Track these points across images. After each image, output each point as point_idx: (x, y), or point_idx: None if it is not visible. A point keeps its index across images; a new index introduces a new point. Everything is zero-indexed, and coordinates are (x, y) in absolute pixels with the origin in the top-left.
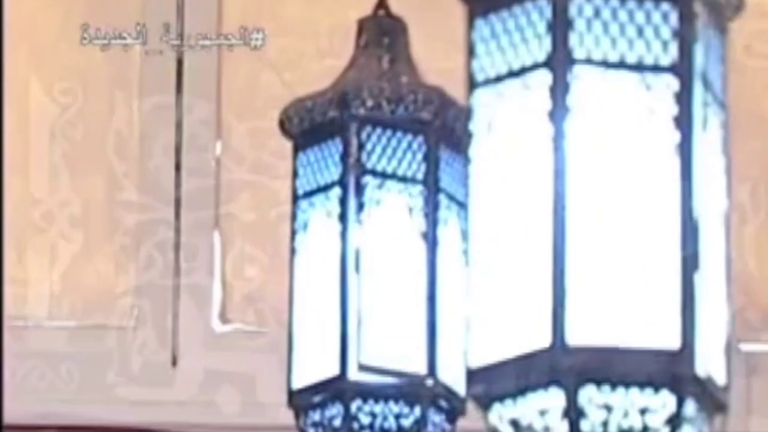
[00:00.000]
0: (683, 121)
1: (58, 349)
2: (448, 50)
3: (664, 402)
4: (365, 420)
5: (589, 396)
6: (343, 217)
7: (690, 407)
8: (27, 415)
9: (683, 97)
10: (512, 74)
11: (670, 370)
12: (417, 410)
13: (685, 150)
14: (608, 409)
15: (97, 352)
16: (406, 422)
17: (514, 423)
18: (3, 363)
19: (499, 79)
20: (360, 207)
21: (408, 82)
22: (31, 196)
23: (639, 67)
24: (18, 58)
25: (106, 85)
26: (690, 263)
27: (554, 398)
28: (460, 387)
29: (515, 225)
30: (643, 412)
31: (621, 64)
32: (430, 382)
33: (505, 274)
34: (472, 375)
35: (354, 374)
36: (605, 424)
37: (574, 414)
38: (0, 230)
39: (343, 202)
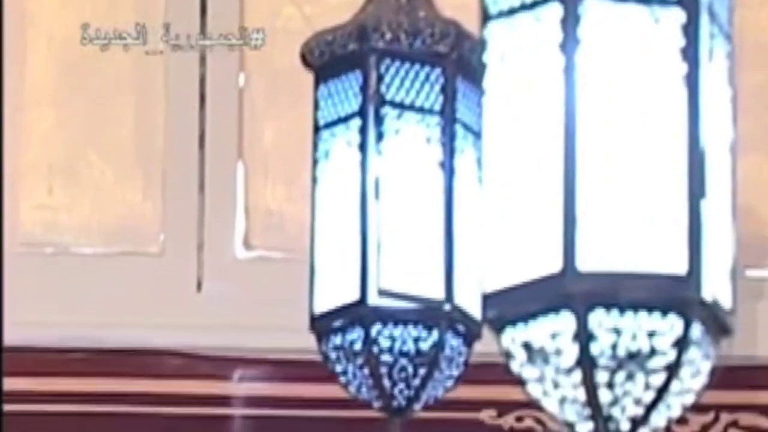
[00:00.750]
0: (690, 53)
1: (86, 275)
2: None
3: (671, 325)
4: (385, 343)
5: (599, 320)
6: (362, 147)
7: (697, 330)
8: (55, 340)
9: (690, 30)
10: (525, 7)
11: (678, 295)
12: (435, 334)
13: (691, 81)
14: (617, 332)
15: (124, 278)
16: (425, 345)
17: (526, 346)
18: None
19: (512, 11)
20: (379, 137)
21: (425, 16)
22: (61, 126)
23: (647, 1)
24: None
25: (132, 14)
26: (697, 191)
27: (565, 322)
28: (476, 311)
29: (527, 153)
30: (651, 335)
31: None
32: (447, 306)
33: (518, 202)
34: (487, 299)
35: (374, 299)
36: (614, 347)
37: (584, 337)
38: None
39: (362, 132)
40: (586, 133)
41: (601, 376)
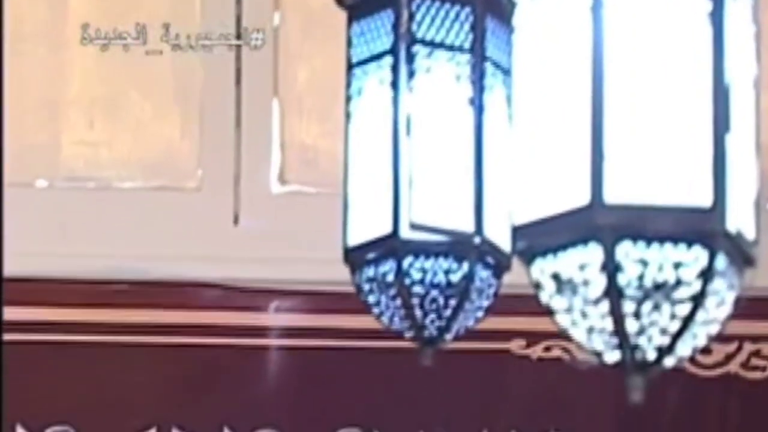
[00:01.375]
0: None
1: (126, 210)
2: None
3: (696, 256)
4: (416, 275)
5: (626, 251)
6: (394, 84)
7: (721, 261)
8: (97, 271)
9: None
10: None
11: (703, 227)
12: (465, 266)
13: (716, 17)
14: (644, 263)
15: (163, 212)
16: (455, 277)
17: (555, 277)
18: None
19: None
20: (410, 74)
21: None
22: (102, 63)
23: None
24: None
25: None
26: (721, 125)
27: (593, 253)
28: (505, 244)
29: (556, 89)
30: (676, 266)
31: None
32: (477, 239)
33: (547, 137)
34: (517, 232)
35: (406, 232)
36: (641, 278)
37: (611, 268)
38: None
39: (394, 69)
40: (613, 70)
41: (628, 307)
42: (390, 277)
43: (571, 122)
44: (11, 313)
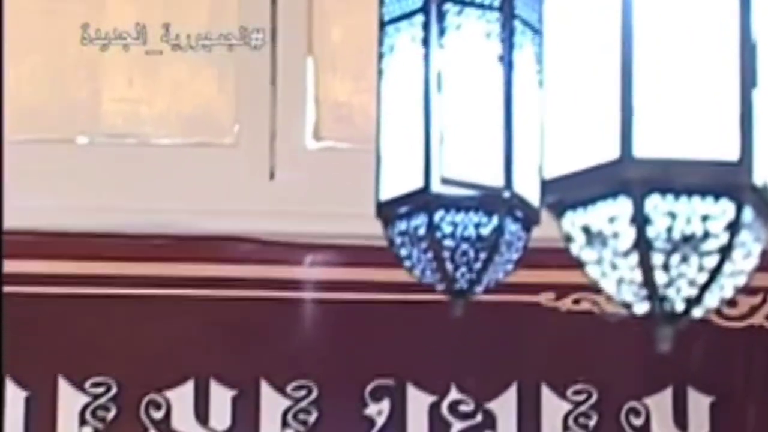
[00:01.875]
0: None
1: (165, 165)
2: None
3: (723, 209)
4: (447, 229)
5: (655, 204)
6: (426, 42)
7: (748, 214)
8: (136, 226)
9: None
10: None
11: (730, 180)
12: (495, 219)
13: None
14: (672, 216)
15: (201, 167)
16: (485, 231)
17: (586, 229)
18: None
19: None
20: (441, 32)
21: None
22: (140, 23)
23: None
24: None
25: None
26: (748, 80)
27: (622, 206)
28: (534, 198)
29: (586, 44)
30: (704, 218)
31: None
32: (506, 193)
33: (577, 92)
34: (547, 185)
35: (437, 187)
36: (669, 230)
37: (640, 221)
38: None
39: (425, 27)
40: (643, 24)
41: (657, 259)
42: (421, 231)
43: (601, 78)
44: (54, 267)
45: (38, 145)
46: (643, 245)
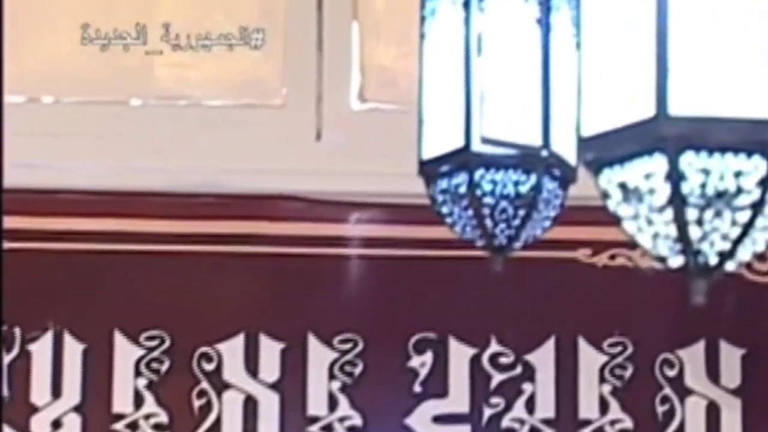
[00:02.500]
0: None
1: (215, 126)
2: None
3: (756, 165)
4: (487, 187)
5: (689, 161)
6: (466, 5)
7: None
8: (188, 185)
9: None
10: None
11: (762, 137)
12: (533, 178)
13: None
14: (706, 172)
15: (250, 128)
16: (523, 188)
17: (622, 186)
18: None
19: None
20: None
21: None
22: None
23: None
24: None
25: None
26: None
27: (658, 163)
28: (571, 157)
29: (621, 5)
30: (737, 175)
31: None
32: (544, 152)
33: (613, 53)
34: (584, 144)
35: (477, 146)
36: (703, 186)
37: (675, 177)
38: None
39: None
40: None
41: (691, 214)
42: (462, 189)
43: (637, 38)
44: (109, 225)
45: (94, 107)
46: (677, 201)
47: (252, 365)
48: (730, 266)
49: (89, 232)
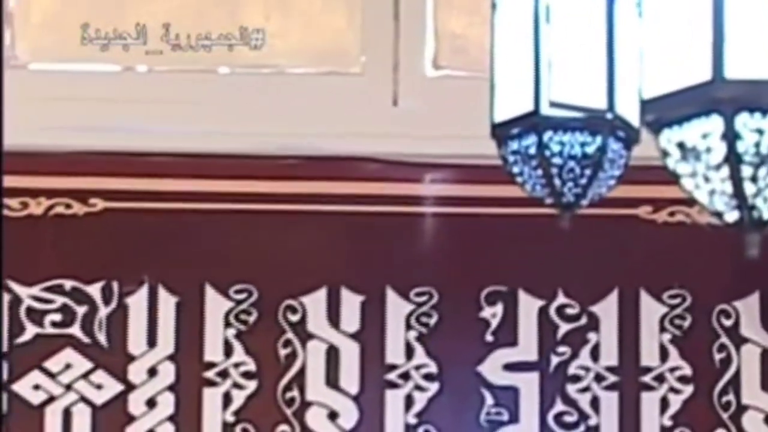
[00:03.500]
0: None
1: (298, 93)
2: None
3: None
4: (555, 148)
5: (744, 121)
6: None
7: None
8: (269, 148)
9: None
10: None
11: None
12: (598, 139)
13: None
14: (760, 132)
15: (330, 94)
16: (590, 149)
17: (681, 145)
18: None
19: None
20: None
21: None
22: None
23: None
24: None
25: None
26: None
27: (714, 124)
28: (634, 120)
29: None
30: None
31: None
32: (609, 115)
33: (673, 19)
34: (646, 105)
35: (546, 110)
36: (757, 145)
37: (731, 137)
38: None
39: None
40: None
41: (746, 171)
42: (532, 150)
43: (695, 5)
44: (201, 186)
45: (185, 75)
46: (733, 159)
47: (334, 317)
48: None
49: (181, 192)
